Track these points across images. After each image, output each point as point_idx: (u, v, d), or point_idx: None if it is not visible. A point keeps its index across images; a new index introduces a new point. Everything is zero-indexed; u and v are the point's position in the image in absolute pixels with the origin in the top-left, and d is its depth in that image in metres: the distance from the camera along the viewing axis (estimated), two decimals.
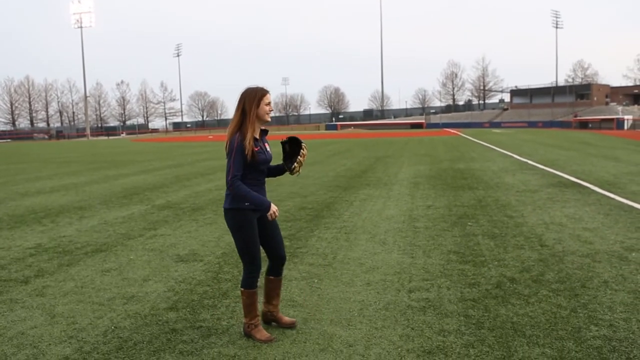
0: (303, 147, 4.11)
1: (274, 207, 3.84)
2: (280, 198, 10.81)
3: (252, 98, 3.71)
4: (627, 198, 9.69)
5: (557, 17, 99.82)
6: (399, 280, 5.15)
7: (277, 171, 4.13)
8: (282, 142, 4.14)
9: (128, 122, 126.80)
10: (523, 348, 3.61)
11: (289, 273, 5.47)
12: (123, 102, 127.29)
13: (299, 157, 4.09)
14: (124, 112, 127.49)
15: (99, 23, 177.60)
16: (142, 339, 3.91)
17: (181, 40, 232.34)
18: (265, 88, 3.79)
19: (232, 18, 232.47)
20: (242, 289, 3.89)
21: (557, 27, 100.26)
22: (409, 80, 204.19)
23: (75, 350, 3.76)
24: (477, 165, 17.09)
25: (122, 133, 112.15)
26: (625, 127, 58.82)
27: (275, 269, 4.08)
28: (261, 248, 3.94)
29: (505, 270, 5.41)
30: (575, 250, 6.10)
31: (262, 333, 3.85)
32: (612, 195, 10.05)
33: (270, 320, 4.11)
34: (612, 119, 63.78)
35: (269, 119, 3.81)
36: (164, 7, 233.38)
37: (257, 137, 3.80)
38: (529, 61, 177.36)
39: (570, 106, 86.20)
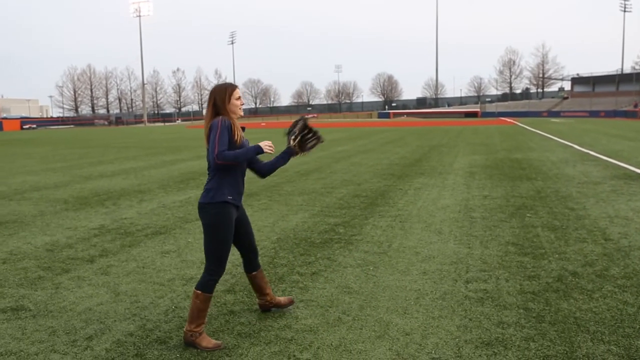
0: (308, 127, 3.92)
1: (265, 142, 3.63)
2: (333, 185, 10.84)
3: (223, 93, 3.67)
4: None
5: (625, 0, 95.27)
6: (456, 271, 5.08)
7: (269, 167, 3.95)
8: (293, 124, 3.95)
9: (183, 109, 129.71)
10: (587, 344, 3.51)
11: (344, 260, 5.50)
12: (179, 89, 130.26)
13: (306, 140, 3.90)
14: (180, 99, 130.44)
15: (156, 12, 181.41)
16: None
17: (235, 27, 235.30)
18: (233, 83, 3.78)
19: (285, 4, 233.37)
20: (199, 291, 3.64)
21: (624, 11, 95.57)
22: (464, 67, 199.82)
23: (138, 327, 3.89)
24: (535, 156, 16.62)
25: (178, 119, 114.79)
26: None
27: (253, 263, 4.04)
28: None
29: (567, 263, 5.26)
30: None
31: (208, 340, 3.58)
32: None
33: (270, 307, 4.12)
34: None
35: (242, 113, 3.78)
36: None
37: None
38: (592, 47, 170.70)
39: (637, 95, 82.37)
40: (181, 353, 3.48)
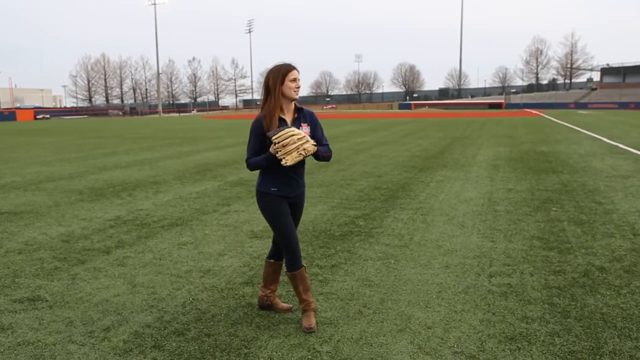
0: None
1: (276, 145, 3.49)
2: (353, 177, 10.86)
3: (276, 75, 3.60)
4: None
5: None
6: (479, 264, 5.08)
7: None
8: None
9: (199, 99, 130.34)
10: (614, 340, 3.50)
11: (364, 252, 5.53)
12: (194, 79, 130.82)
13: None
14: (195, 89, 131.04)
15: (172, 0, 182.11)
16: (220, 312, 4.07)
17: (253, 16, 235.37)
18: (291, 64, 3.67)
19: None
20: (287, 271, 3.84)
21: None
22: (489, 57, 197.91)
23: (156, 319, 3.97)
24: (561, 148, 16.46)
25: (193, 110, 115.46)
26: None
27: (279, 254, 4.03)
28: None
29: (594, 258, 5.23)
30: None
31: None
32: None
33: (267, 305, 4.10)
34: None
35: (296, 96, 3.67)
36: None
37: (286, 117, 3.70)
38: (624, 36, 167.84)
39: None
40: (199, 345, 3.54)
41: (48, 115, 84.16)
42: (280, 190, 3.74)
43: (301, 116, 3.76)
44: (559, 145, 17.67)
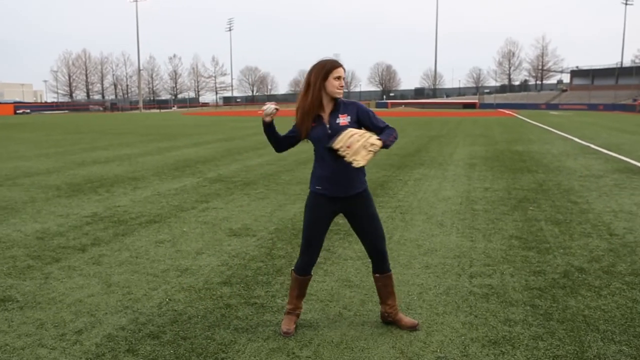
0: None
1: (263, 108, 3.48)
2: None
3: (320, 70, 3.35)
4: None
5: None
6: (459, 265, 4.95)
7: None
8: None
9: (179, 96, 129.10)
10: (597, 344, 3.38)
11: (343, 252, 5.36)
12: (175, 75, 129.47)
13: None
14: (176, 86, 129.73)
15: None
16: (197, 313, 3.87)
17: (233, 14, 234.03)
18: (337, 61, 3.44)
19: None
20: (292, 269, 3.69)
21: (626, 4, 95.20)
22: (463, 58, 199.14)
23: (130, 320, 3.75)
24: (535, 148, 16.50)
25: (174, 106, 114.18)
26: None
27: (376, 265, 3.61)
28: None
29: (573, 259, 5.14)
30: None
31: (285, 322, 3.58)
32: None
33: (389, 321, 3.66)
34: None
35: (340, 94, 3.38)
36: None
37: (324, 113, 3.40)
38: (592, 40, 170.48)
39: (636, 89, 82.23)
40: (175, 349, 3.33)
41: (28, 110, 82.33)
42: (324, 189, 3.44)
43: (340, 108, 3.41)
44: (533, 145, 17.73)
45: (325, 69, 3.36)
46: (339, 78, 3.36)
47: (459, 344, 3.39)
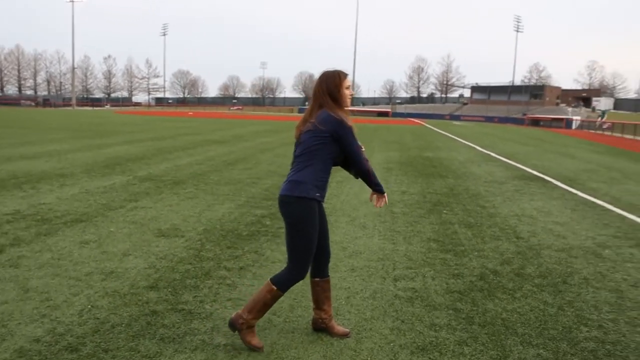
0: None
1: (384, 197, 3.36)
2: (259, 176, 10.31)
3: (335, 80, 3.09)
4: (588, 194, 9.48)
5: (518, 22, 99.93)
6: (383, 267, 4.74)
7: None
8: None
9: (113, 95, 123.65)
10: (517, 348, 3.24)
11: (271, 254, 5.02)
12: (109, 75, 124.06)
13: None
14: (110, 85, 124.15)
15: None
16: (121, 321, 3.40)
17: (168, 18, 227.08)
18: (343, 71, 3.15)
19: (216, 3, 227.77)
20: (274, 287, 3.09)
21: (517, 31, 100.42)
22: (378, 71, 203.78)
23: (47, 331, 3.23)
24: (444, 155, 16.81)
25: (107, 104, 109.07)
26: (574, 127, 59.56)
27: (321, 268, 3.29)
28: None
29: (486, 261, 5.05)
30: (551, 244, 5.79)
31: (254, 337, 3.10)
32: (574, 191, 9.84)
33: (321, 328, 3.33)
34: (562, 119, 64.37)
35: (349, 105, 3.17)
36: None
37: None
38: (490, 60, 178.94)
39: (525, 105, 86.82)
40: None
41: None
42: (322, 196, 3.13)
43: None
44: (441, 152, 18.07)
45: (340, 78, 3.12)
46: (349, 87, 3.15)
47: (388, 351, 3.14)
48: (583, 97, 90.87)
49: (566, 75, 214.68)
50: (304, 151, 3.07)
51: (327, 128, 3.02)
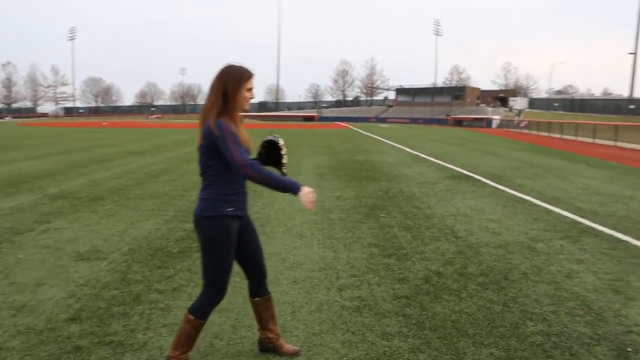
0: (282, 147, 3.23)
1: (309, 193, 2.80)
2: (185, 188, 9.96)
3: (236, 78, 2.82)
4: (516, 190, 9.90)
5: (437, 26, 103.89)
6: (327, 277, 4.65)
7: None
8: (262, 146, 3.25)
9: (14, 105, 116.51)
10: (470, 349, 3.26)
11: None
12: (9, 84, 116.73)
13: (283, 159, 3.22)
14: (10, 95, 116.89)
15: None
16: None
17: (75, 23, 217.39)
18: (250, 69, 2.88)
19: (130, 4, 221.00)
20: (191, 316, 2.92)
21: (437, 35, 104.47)
22: (303, 75, 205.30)
23: None
24: (374, 157, 17.07)
25: (7, 116, 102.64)
26: (494, 126, 62.70)
27: (259, 287, 3.13)
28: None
29: (429, 263, 5.10)
30: (488, 242, 5.96)
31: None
32: (502, 188, 10.25)
33: (269, 348, 3.21)
34: (483, 119, 67.67)
35: (248, 107, 2.91)
36: None
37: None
38: (413, 63, 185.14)
39: (447, 105, 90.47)
40: None
41: None
42: (236, 210, 2.88)
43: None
44: (371, 155, 18.35)
45: (243, 78, 2.85)
46: (251, 90, 2.90)
47: None
48: (500, 97, 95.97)
49: (484, 77, 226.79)
50: (202, 168, 2.87)
51: (206, 142, 2.81)
